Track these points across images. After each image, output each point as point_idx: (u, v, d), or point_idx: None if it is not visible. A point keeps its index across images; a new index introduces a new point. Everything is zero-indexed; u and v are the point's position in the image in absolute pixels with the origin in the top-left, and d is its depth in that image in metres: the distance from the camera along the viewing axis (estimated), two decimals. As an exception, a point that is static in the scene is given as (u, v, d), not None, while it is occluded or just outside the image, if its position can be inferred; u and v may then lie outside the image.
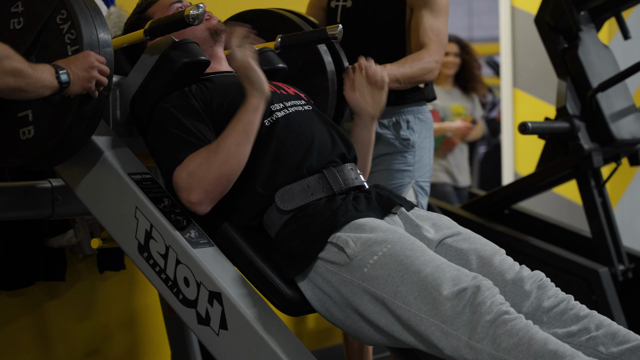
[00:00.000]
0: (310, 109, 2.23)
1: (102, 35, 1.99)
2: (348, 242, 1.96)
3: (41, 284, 2.85)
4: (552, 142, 3.80)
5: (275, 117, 2.15)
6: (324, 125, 2.21)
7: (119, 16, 2.70)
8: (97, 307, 3.10)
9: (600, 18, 3.95)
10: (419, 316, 1.87)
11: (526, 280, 1.98)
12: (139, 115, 2.13)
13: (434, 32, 2.83)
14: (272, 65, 2.37)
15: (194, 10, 2.09)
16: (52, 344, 2.96)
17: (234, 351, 1.97)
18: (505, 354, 1.78)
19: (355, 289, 1.94)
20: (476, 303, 1.82)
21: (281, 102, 2.19)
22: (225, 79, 2.21)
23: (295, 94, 2.27)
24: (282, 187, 2.07)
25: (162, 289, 2.03)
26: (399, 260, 1.91)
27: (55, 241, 2.73)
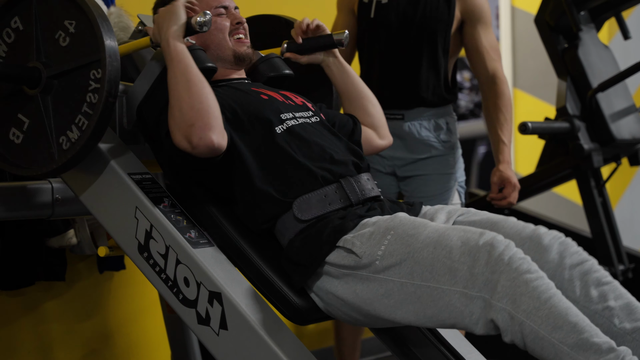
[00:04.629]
0: (318, 121, 2.21)
1: (109, 43, 1.99)
2: (354, 242, 1.96)
3: (41, 284, 2.85)
4: (552, 142, 3.80)
5: (285, 125, 2.13)
6: (334, 136, 2.19)
7: (119, 16, 2.69)
8: (97, 307, 3.10)
9: (600, 18, 3.94)
10: (439, 289, 1.85)
11: (544, 235, 1.95)
12: (145, 122, 2.12)
13: (495, 50, 2.93)
14: (278, 71, 2.35)
15: (200, 17, 2.07)
16: (52, 344, 2.96)
17: (234, 351, 1.97)
18: (525, 316, 1.76)
19: (372, 284, 1.93)
20: (493, 261, 1.80)
21: (290, 112, 2.17)
22: (232, 89, 2.19)
23: (302, 104, 2.25)
24: (300, 196, 2.05)
25: (162, 289, 2.03)
26: (405, 242, 1.90)
27: (55, 241, 2.73)
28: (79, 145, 1.99)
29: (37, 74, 2.03)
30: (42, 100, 2.04)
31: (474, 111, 6.15)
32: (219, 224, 2.08)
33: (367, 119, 2.37)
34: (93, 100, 1.98)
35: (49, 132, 2.03)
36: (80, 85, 2.00)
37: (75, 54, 2.02)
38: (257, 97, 2.17)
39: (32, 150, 2.06)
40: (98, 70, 1.98)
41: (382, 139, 2.40)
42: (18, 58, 2.07)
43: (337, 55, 2.37)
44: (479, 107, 5.90)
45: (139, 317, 3.23)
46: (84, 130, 1.99)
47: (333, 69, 2.36)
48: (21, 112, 2.07)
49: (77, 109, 2.00)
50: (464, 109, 6.10)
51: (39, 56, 2.05)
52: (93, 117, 1.98)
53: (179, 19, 2.08)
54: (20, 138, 2.07)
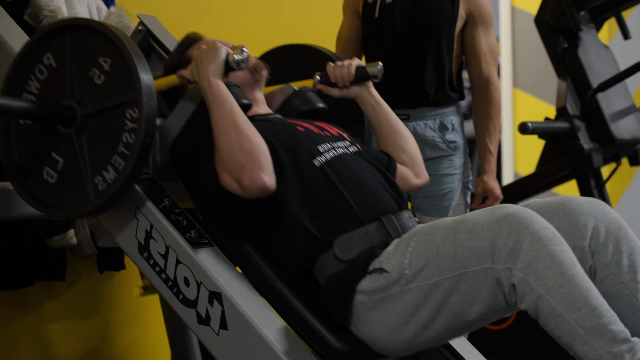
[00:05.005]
0: (357, 151, 2.15)
1: (146, 82, 1.93)
2: (381, 259, 1.92)
3: (41, 284, 2.85)
4: (552, 142, 3.80)
5: (324, 158, 2.07)
6: (373, 168, 2.12)
7: (119, 16, 2.70)
8: (97, 307, 3.10)
9: (600, 18, 3.95)
10: (470, 273, 1.81)
11: (577, 201, 1.93)
12: (179, 159, 2.07)
13: (492, 54, 2.94)
14: (312, 105, 2.29)
15: (238, 55, 2.03)
16: (52, 344, 2.96)
17: (234, 351, 1.97)
18: (545, 291, 1.74)
19: (408, 296, 1.88)
20: (515, 229, 1.77)
21: (327, 143, 2.11)
22: (267, 122, 2.14)
23: (339, 134, 2.18)
24: (341, 235, 1.98)
25: (162, 289, 2.03)
26: (426, 242, 1.87)
27: (55, 241, 2.73)
28: (115, 186, 1.93)
29: (72, 112, 1.97)
30: (77, 139, 1.98)
31: (474, 111, 6.15)
32: (255, 263, 2.03)
33: (403, 157, 2.30)
34: (130, 141, 1.92)
35: (84, 172, 1.97)
36: (116, 124, 1.94)
37: (110, 92, 1.96)
38: (294, 130, 2.12)
39: (66, 190, 2.00)
40: (134, 109, 1.92)
41: (418, 177, 2.32)
42: (51, 95, 2.01)
43: (371, 89, 2.30)
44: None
45: (139, 317, 3.23)
46: (121, 171, 1.93)
47: (367, 103, 2.29)
48: (55, 151, 2.01)
49: (113, 148, 1.94)
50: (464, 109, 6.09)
51: (73, 94, 1.99)
52: (130, 158, 1.92)
53: (219, 57, 2.04)
54: (55, 177, 2.01)
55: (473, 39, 2.92)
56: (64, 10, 2.58)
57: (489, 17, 2.93)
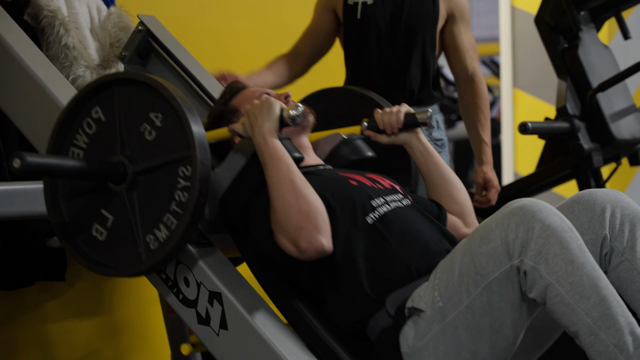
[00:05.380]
0: (410, 204, 2.11)
1: (199, 138, 1.88)
2: (413, 298, 1.89)
3: (41, 284, 2.85)
4: (552, 142, 3.80)
5: (377, 213, 2.02)
6: (426, 220, 2.08)
7: (119, 16, 2.70)
8: (97, 307, 3.10)
9: (600, 18, 3.95)
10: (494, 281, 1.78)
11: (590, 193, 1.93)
12: (229, 213, 2.03)
13: (474, 49, 2.99)
14: (361, 155, 2.25)
15: (293, 111, 1.98)
16: (52, 344, 2.96)
17: (234, 351, 1.97)
18: (554, 279, 1.73)
19: (450, 330, 1.83)
20: (525, 220, 1.75)
21: (380, 197, 2.07)
22: (319, 176, 2.09)
23: (391, 187, 2.14)
24: (394, 292, 1.93)
25: (162, 289, 2.03)
26: (448, 268, 1.84)
27: (55, 241, 2.73)
28: (168, 246, 1.88)
29: (123, 169, 1.93)
30: (128, 196, 1.93)
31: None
32: (309, 322, 1.98)
33: (453, 207, 2.25)
34: (182, 199, 1.88)
35: (135, 230, 1.92)
36: (169, 182, 1.90)
37: (162, 149, 1.91)
38: (347, 184, 2.07)
39: (116, 248, 1.95)
40: (187, 167, 1.88)
41: (468, 227, 2.26)
42: (100, 150, 1.97)
43: (420, 136, 2.25)
44: (479, 107, 5.89)
45: (139, 317, 3.23)
46: (174, 230, 1.88)
47: (416, 150, 2.25)
48: (105, 208, 1.96)
49: (165, 207, 1.90)
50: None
51: (123, 150, 1.94)
52: (183, 217, 1.87)
53: (274, 114, 2.00)
54: (104, 235, 1.96)
55: (454, 35, 2.95)
56: (64, 10, 2.58)
57: (467, 14, 2.97)
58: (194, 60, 2.56)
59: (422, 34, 2.89)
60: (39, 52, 2.28)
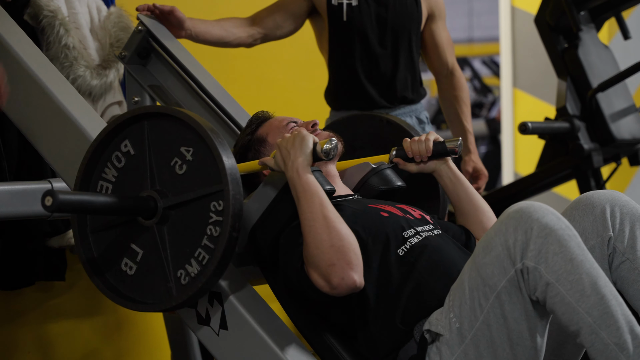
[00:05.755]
0: (440, 234, 2.08)
1: (232, 173, 1.87)
2: (430, 322, 1.88)
3: (41, 284, 2.85)
4: (552, 142, 3.80)
5: (409, 244, 2.00)
6: (458, 250, 2.06)
7: (119, 16, 2.70)
8: (97, 307, 3.10)
9: (600, 18, 3.95)
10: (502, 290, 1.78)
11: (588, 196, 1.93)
12: (258, 244, 2.01)
13: (451, 46, 3.06)
14: (391, 185, 2.21)
15: (327, 145, 1.94)
16: (52, 344, 2.96)
17: (234, 351, 1.97)
18: (554, 278, 1.74)
19: (471, 350, 1.83)
20: (523, 221, 1.76)
21: (412, 228, 2.04)
22: (350, 208, 2.05)
23: (422, 217, 2.11)
24: (421, 320, 1.91)
25: (163, 289, 2.03)
26: (459, 287, 1.84)
27: (55, 241, 2.73)
28: (200, 281, 1.86)
29: (153, 204, 1.90)
30: (158, 231, 1.91)
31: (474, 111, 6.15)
32: (339, 355, 1.96)
33: (481, 234, 2.21)
34: (214, 234, 1.86)
35: (166, 265, 1.90)
36: (200, 216, 1.88)
37: (194, 183, 1.89)
38: (378, 216, 2.04)
39: (146, 283, 1.93)
40: (219, 202, 1.86)
41: None
42: (130, 184, 1.95)
43: (450, 163, 2.22)
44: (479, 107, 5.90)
45: (139, 317, 3.22)
46: (205, 265, 1.86)
47: (445, 179, 2.22)
48: (135, 242, 1.94)
49: (196, 242, 1.88)
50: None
51: (153, 184, 1.92)
52: (216, 252, 1.85)
53: (307, 149, 1.96)
54: (134, 269, 1.93)
55: (434, 33, 3.01)
56: (64, 10, 2.59)
57: (444, 11, 3.04)
58: (193, 60, 2.55)
59: (409, 34, 2.92)
60: (39, 52, 2.28)
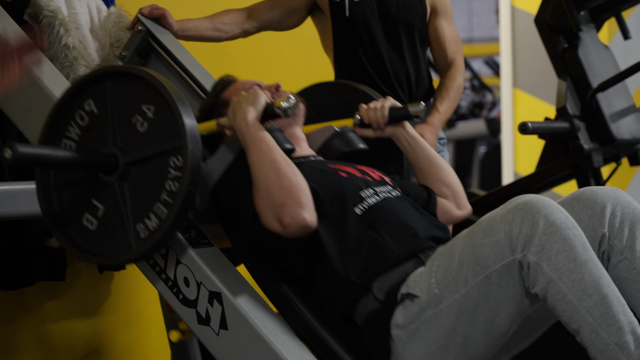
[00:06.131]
0: (399, 195, 2.14)
1: (191, 129, 1.91)
2: (408, 284, 1.91)
3: (41, 284, 2.85)
4: (552, 142, 3.80)
5: (366, 204, 2.05)
6: (415, 210, 2.11)
7: (119, 16, 2.70)
8: (97, 307, 3.10)
9: (600, 18, 3.95)
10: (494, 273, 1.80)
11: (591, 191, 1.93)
12: (220, 203, 2.06)
13: (456, 42, 2.99)
14: (353, 146, 2.28)
15: (284, 102, 2.00)
16: (52, 344, 2.96)
17: (234, 351, 1.97)
18: (557, 276, 1.74)
19: (443, 316, 1.86)
20: (529, 215, 1.77)
21: (370, 188, 2.10)
22: (310, 167, 2.11)
23: (381, 178, 2.18)
24: (380, 276, 1.96)
25: (162, 289, 2.03)
26: (448, 256, 1.87)
27: (55, 241, 2.72)
28: (158, 234, 1.92)
29: (114, 160, 1.96)
30: (119, 186, 1.96)
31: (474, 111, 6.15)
32: (296, 307, 2.01)
33: (443, 190, 2.28)
34: (173, 189, 1.91)
35: (126, 220, 1.95)
36: (160, 172, 1.93)
37: (154, 140, 1.94)
38: (337, 176, 2.10)
39: (107, 237, 1.98)
40: (179, 157, 1.91)
41: (460, 209, 2.30)
42: (92, 142, 1.99)
43: (407, 127, 2.29)
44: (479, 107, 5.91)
45: (139, 317, 3.23)
46: (164, 219, 1.91)
47: (403, 141, 2.29)
48: (96, 198, 1.99)
49: (155, 196, 1.93)
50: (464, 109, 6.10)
51: (115, 141, 1.97)
52: (174, 206, 1.90)
53: (259, 104, 2.03)
54: (95, 224, 1.99)
55: (436, 29, 2.96)
56: (64, 10, 2.58)
57: (449, 8, 2.99)
58: (193, 60, 2.56)
59: (413, 29, 2.88)
60: (39, 52, 2.28)
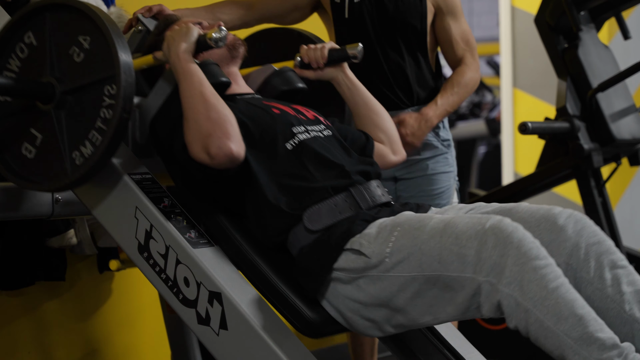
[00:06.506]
0: (331, 135, 2.20)
1: (124, 59, 1.97)
2: (361, 242, 1.95)
3: (41, 284, 2.85)
4: (552, 142, 3.80)
5: (297, 139, 2.12)
6: (344, 150, 2.18)
7: (119, 16, 2.70)
8: (97, 307, 3.10)
9: (600, 18, 3.95)
10: (450, 277, 1.84)
11: (559, 215, 1.93)
12: (158, 136, 2.12)
13: (464, 40, 2.93)
14: (292, 85, 2.32)
15: (216, 33, 2.06)
16: (52, 344, 2.97)
17: (234, 351, 1.97)
18: (531, 305, 1.76)
19: (384, 283, 1.92)
20: (501, 243, 1.79)
21: (302, 125, 2.16)
22: (244, 103, 2.17)
23: (314, 117, 2.23)
24: (310, 207, 2.03)
25: (162, 289, 2.04)
26: (411, 235, 1.90)
27: (55, 241, 2.73)
28: (92, 160, 1.98)
29: (51, 89, 2.02)
30: (56, 115, 2.03)
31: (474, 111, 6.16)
32: (231, 236, 2.06)
33: (379, 135, 2.34)
34: (107, 116, 1.97)
35: (62, 148, 2.02)
36: (95, 100, 1.99)
37: (89, 69, 2.00)
38: (269, 112, 2.15)
39: (44, 165, 2.04)
40: (112, 86, 1.97)
41: (395, 154, 2.36)
42: (31, 73, 2.05)
43: (347, 71, 2.33)
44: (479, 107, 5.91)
45: (139, 317, 3.23)
46: (98, 146, 1.98)
47: (342, 85, 2.34)
48: (34, 127, 2.05)
49: (90, 124, 1.99)
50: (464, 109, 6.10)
51: (52, 71, 2.03)
52: (107, 133, 1.97)
53: (191, 37, 2.09)
54: (33, 153, 2.05)
55: (444, 29, 2.93)
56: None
57: (457, 6, 2.94)
58: (193, 60, 2.56)
59: (412, 29, 2.86)
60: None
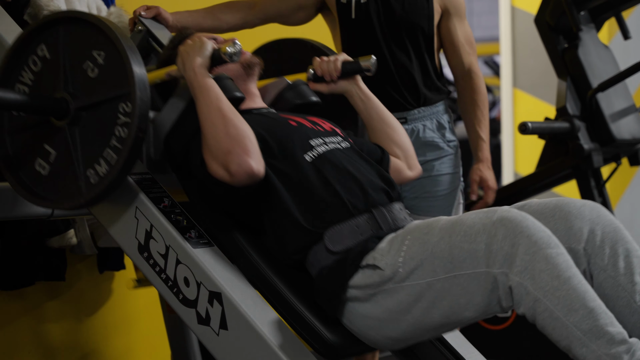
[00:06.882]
0: (349, 147, 2.16)
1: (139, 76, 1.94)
2: (375, 256, 1.93)
3: (41, 284, 2.85)
4: (552, 142, 3.80)
5: (316, 152, 2.08)
6: (365, 162, 2.14)
7: (119, 16, 2.70)
8: (97, 307, 3.10)
9: (600, 18, 3.95)
10: (464, 275, 1.83)
11: (573, 204, 1.93)
12: (173, 151, 2.09)
13: (470, 44, 2.95)
14: (305, 99, 2.31)
15: (230, 48, 2.03)
16: (52, 344, 2.97)
17: (234, 351, 1.97)
18: (542, 294, 1.75)
19: (401, 294, 1.89)
20: (511, 233, 1.78)
21: (319, 138, 2.13)
22: (260, 117, 2.15)
23: (332, 129, 2.20)
24: (332, 227, 1.99)
25: (162, 289, 2.03)
26: (421, 241, 1.89)
27: (55, 241, 2.73)
28: (108, 180, 1.96)
29: (65, 105, 1.99)
30: (70, 131, 2.00)
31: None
32: (247, 254, 2.04)
33: (394, 149, 2.30)
34: (122, 135, 1.94)
35: (77, 165, 1.99)
36: (109, 118, 1.96)
37: (104, 85, 1.97)
38: (286, 124, 2.13)
39: (58, 183, 2.01)
40: (127, 103, 1.94)
41: (411, 169, 2.32)
42: (44, 87, 2.03)
43: (360, 84, 2.31)
44: (479, 107, 5.89)
45: (139, 317, 3.23)
46: (113, 165, 1.95)
47: (356, 97, 2.30)
48: (48, 143, 2.02)
49: (105, 142, 1.96)
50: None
51: (66, 86, 2.00)
52: (122, 152, 1.94)
53: (205, 51, 2.06)
54: (47, 169, 2.02)
55: (449, 31, 2.92)
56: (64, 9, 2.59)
57: (461, 8, 2.94)
58: (193, 60, 2.55)
59: (419, 30, 2.86)
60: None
